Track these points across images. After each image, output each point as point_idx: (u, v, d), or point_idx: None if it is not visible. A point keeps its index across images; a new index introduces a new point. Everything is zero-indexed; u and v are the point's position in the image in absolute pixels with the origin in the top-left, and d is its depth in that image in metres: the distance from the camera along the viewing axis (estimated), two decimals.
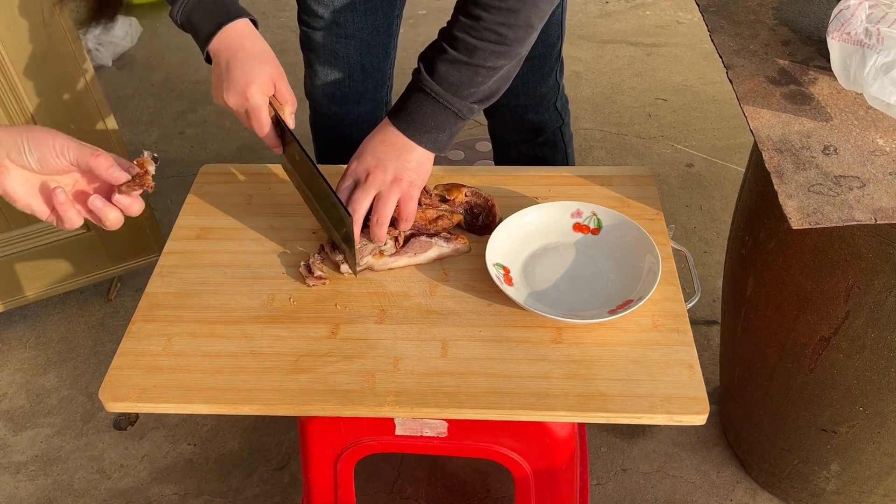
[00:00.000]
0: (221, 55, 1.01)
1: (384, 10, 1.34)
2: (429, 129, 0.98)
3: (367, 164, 1.00)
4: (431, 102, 0.97)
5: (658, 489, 1.50)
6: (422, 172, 1.01)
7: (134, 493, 1.55)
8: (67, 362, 1.80)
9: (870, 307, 1.05)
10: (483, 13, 0.92)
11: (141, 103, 2.64)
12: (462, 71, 0.95)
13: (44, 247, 1.73)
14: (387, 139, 1.00)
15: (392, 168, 0.99)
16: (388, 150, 0.99)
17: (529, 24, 0.94)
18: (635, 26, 2.92)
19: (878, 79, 0.93)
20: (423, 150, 1.00)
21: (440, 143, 1.00)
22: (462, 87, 0.96)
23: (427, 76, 0.96)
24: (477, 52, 0.94)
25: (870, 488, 1.29)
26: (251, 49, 1.01)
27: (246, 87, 1.00)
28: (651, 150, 2.33)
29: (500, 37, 0.93)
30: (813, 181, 0.90)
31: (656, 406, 0.86)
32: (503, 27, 0.93)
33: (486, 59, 0.94)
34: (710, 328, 1.77)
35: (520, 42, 0.95)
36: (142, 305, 1.01)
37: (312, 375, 0.91)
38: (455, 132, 1.01)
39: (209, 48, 1.02)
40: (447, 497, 1.50)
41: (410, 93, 0.98)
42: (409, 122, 0.98)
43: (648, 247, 1.01)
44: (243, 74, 1.00)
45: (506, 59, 0.96)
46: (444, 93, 0.96)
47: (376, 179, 0.99)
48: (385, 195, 0.99)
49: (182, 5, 1.01)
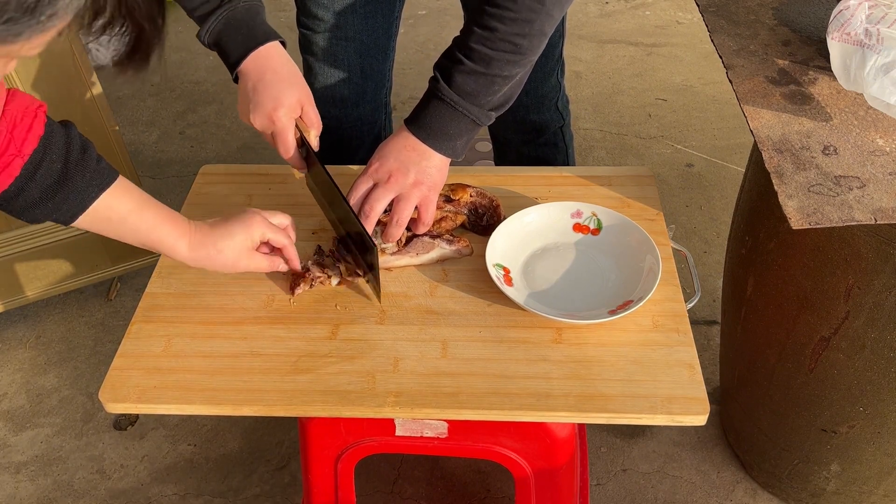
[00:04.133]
0: (249, 76, 1.01)
1: (383, 12, 1.34)
2: (447, 137, 1.00)
3: (389, 167, 1.01)
4: (450, 111, 0.99)
5: (658, 489, 1.50)
6: (440, 178, 1.03)
7: (134, 493, 1.55)
8: (67, 362, 1.80)
9: (870, 307, 1.05)
10: (499, 24, 0.94)
11: (141, 103, 2.64)
12: (479, 81, 0.97)
13: (44, 247, 1.73)
14: (407, 145, 1.01)
15: (413, 172, 1.00)
16: (410, 154, 1.01)
17: (543, 31, 0.96)
18: (635, 26, 2.92)
19: (878, 79, 0.93)
20: (441, 157, 1.02)
21: (457, 150, 1.02)
22: (479, 96, 0.98)
23: (445, 85, 0.98)
24: (493, 62, 0.96)
25: (870, 488, 1.29)
26: (279, 71, 1.02)
27: (273, 110, 1.00)
28: (651, 150, 2.33)
29: (515, 46, 0.95)
30: (813, 181, 0.90)
31: (656, 406, 0.86)
32: (518, 37, 0.94)
33: (502, 69, 0.96)
34: (710, 328, 1.77)
35: (534, 50, 0.97)
36: (142, 306, 1.01)
37: (312, 376, 0.91)
38: (471, 138, 1.03)
39: (238, 70, 1.02)
40: (447, 497, 1.50)
41: (428, 101, 1.00)
42: (429, 130, 1.00)
43: (648, 247, 1.01)
44: (270, 98, 1.00)
45: (520, 66, 0.98)
46: (462, 101, 0.98)
47: (398, 182, 1.00)
48: (406, 197, 1.01)
49: (210, 27, 1.01)
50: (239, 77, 1.03)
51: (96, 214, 0.86)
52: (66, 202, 0.84)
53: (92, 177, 0.84)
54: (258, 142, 2.43)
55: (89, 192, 0.85)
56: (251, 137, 2.45)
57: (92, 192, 0.85)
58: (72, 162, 0.83)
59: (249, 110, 1.02)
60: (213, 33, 1.01)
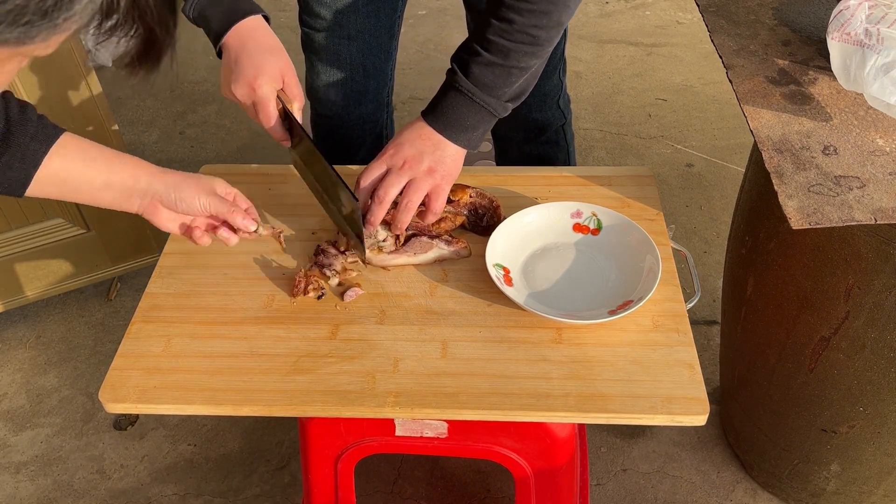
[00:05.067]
0: (231, 48, 1.01)
1: (386, 10, 1.34)
2: (465, 128, 1.01)
3: (404, 154, 1.01)
4: (468, 102, 0.99)
5: (658, 489, 1.50)
6: (455, 168, 1.03)
7: (134, 493, 1.55)
8: (67, 362, 1.80)
9: (870, 307, 1.05)
10: (516, 16, 0.94)
11: (141, 103, 2.64)
12: (497, 72, 0.97)
13: (44, 247, 1.73)
14: (423, 134, 1.02)
15: (428, 160, 1.01)
16: (426, 143, 1.01)
17: (560, 22, 0.97)
18: (635, 26, 2.92)
19: (878, 79, 0.93)
20: (457, 147, 1.02)
21: (473, 141, 1.03)
22: (497, 88, 0.99)
23: (462, 76, 0.98)
24: (511, 54, 0.96)
25: (870, 488, 1.29)
26: (262, 42, 1.02)
27: (254, 78, 1.00)
28: (651, 150, 2.33)
29: (532, 38, 0.96)
30: (813, 181, 0.90)
31: (656, 406, 0.86)
32: (535, 28, 0.95)
33: (519, 60, 0.97)
34: (710, 328, 1.77)
35: (551, 41, 0.98)
36: (142, 306, 1.01)
37: (312, 376, 0.91)
38: (487, 130, 1.03)
39: (221, 43, 1.02)
40: (447, 497, 1.50)
41: (445, 92, 1.01)
42: (446, 122, 1.01)
43: (648, 247, 1.01)
44: (252, 66, 1.00)
45: (537, 58, 0.99)
46: (479, 93, 0.98)
47: (412, 168, 1.01)
48: (417, 182, 1.01)
49: (194, 1, 1.01)
50: (222, 51, 1.03)
51: (49, 175, 0.84)
52: (14, 163, 0.82)
53: (36, 132, 0.82)
54: (258, 142, 2.43)
55: (35, 148, 0.82)
56: (251, 137, 2.45)
57: (38, 147, 0.82)
58: (13, 120, 0.81)
59: (231, 81, 1.01)
60: (196, 7, 1.01)
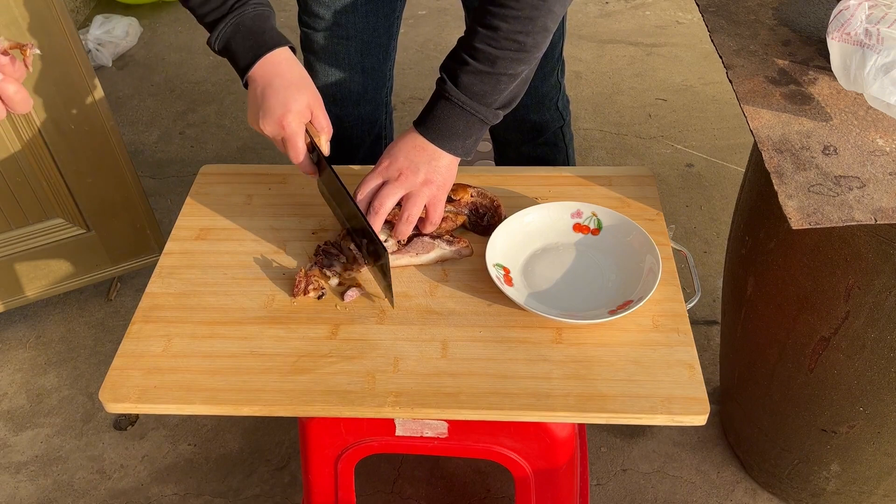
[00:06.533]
0: (258, 83, 1.01)
1: (385, 11, 1.34)
2: (456, 137, 1.01)
3: (399, 165, 1.01)
4: (458, 111, 0.99)
5: (658, 489, 1.50)
6: (450, 177, 1.04)
7: (134, 493, 1.55)
8: (67, 362, 1.80)
9: (870, 307, 1.05)
10: (501, 23, 0.94)
11: (141, 103, 2.64)
12: (485, 80, 0.97)
13: (44, 247, 1.73)
14: (416, 145, 1.02)
15: (423, 171, 1.01)
16: (420, 154, 1.01)
17: (546, 28, 0.96)
18: (635, 26, 2.92)
19: (878, 79, 0.93)
20: (451, 157, 1.02)
21: (467, 149, 1.03)
22: (486, 96, 0.99)
23: (452, 86, 0.98)
24: (498, 61, 0.96)
25: (870, 488, 1.29)
26: (288, 76, 1.02)
27: (283, 115, 1.00)
28: (651, 150, 2.33)
29: (519, 44, 0.95)
30: (813, 181, 0.90)
31: (656, 406, 0.86)
32: (521, 35, 0.95)
33: (507, 67, 0.97)
34: (710, 328, 1.77)
35: (538, 47, 0.98)
36: (142, 306, 1.01)
37: (312, 376, 0.91)
38: (480, 137, 1.03)
39: (247, 77, 1.02)
40: (447, 497, 1.50)
41: (435, 102, 1.01)
42: (438, 132, 1.01)
43: (648, 247, 1.01)
44: (279, 103, 1.00)
45: (525, 64, 0.98)
46: (469, 101, 0.98)
47: (408, 180, 1.01)
48: (415, 195, 1.01)
49: (220, 32, 1.01)
50: (248, 83, 1.03)
51: None
52: None
53: None
54: (258, 142, 2.42)
55: None
56: (251, 137, 2.45)
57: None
58: None
59: (259, 117, 1.02)
60: (222, 39, 1.02)
